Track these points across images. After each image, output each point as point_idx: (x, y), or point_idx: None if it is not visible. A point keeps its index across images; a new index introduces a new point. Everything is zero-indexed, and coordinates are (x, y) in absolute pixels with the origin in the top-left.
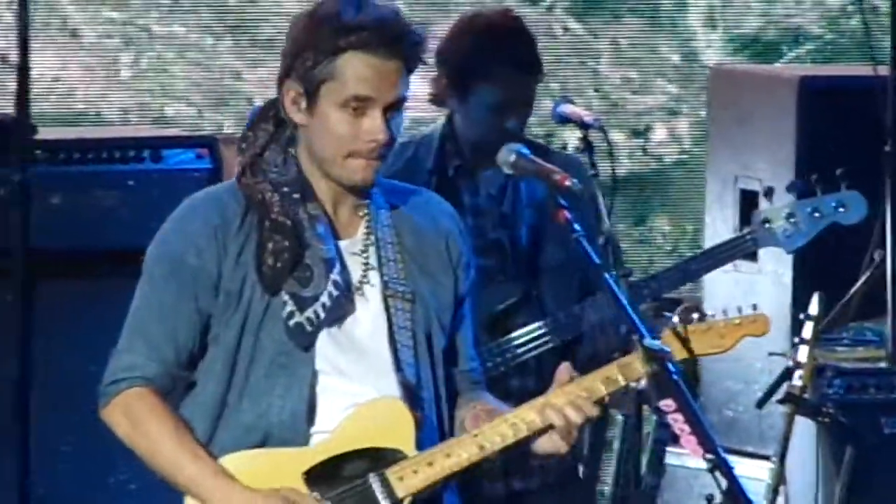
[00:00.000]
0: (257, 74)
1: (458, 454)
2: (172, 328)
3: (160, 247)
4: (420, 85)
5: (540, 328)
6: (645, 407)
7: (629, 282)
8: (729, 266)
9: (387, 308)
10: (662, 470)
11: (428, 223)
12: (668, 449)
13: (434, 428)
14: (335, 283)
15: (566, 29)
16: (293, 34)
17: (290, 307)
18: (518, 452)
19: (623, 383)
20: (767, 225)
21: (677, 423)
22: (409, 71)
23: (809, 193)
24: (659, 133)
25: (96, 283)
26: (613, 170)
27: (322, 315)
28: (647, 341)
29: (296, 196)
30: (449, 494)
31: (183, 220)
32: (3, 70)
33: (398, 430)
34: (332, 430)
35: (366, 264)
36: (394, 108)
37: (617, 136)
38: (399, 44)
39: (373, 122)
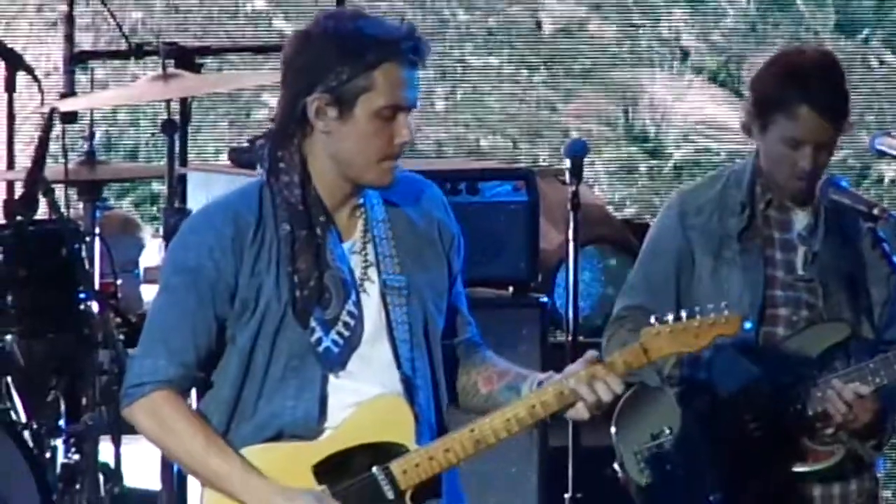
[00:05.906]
0: (572, 106)
1: (455, 449)
2: (192, 334)
3: (178, 257)
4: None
5: (872, 365)
6: None
7: None
8: None
9: (385, 305)
10: None
11: (420, 214)
12: None
13: (431, 412)
14: (350, 314)
15: (882, 62)
16: (313, 53)
17: (318, 333)
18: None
19: (645, 362)
20: None
21: None
22: None
23: None
24: None
25: None
26: None
27: (346, 335)
28: None
29: (322, 219)
30: (448, 476)
31: (199, 232)
32: None
33: (400, 425)
34: (338, 427)
35: (365, 262)
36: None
37: None
38: (420, 52)
39: (401, 126)
